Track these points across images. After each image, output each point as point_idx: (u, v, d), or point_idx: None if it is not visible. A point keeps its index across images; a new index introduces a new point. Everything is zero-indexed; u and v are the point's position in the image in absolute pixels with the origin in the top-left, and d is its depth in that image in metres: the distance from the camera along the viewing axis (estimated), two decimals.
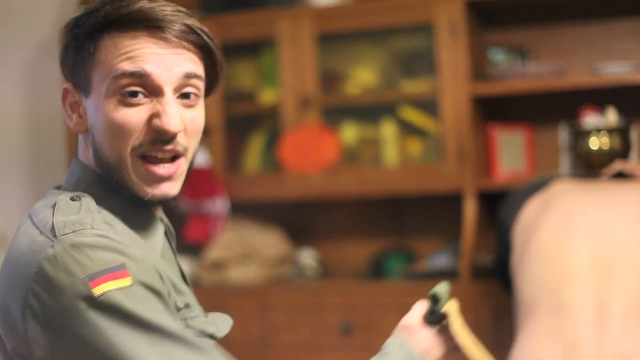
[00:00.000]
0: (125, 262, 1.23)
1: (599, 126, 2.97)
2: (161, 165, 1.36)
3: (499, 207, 2.80)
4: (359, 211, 3.75)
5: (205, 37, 1.40)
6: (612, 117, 3.04)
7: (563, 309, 2.44)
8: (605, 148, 2.94)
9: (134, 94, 1.33)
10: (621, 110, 3.12)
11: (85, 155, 1.42)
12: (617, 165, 2.81)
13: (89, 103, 1.38)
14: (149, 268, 1.27)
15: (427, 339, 1.51)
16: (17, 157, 3.95)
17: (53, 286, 1.21)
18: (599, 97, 3.24)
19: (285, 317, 3.34)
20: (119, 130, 1.33)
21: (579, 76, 3.28)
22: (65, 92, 1.42)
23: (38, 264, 1.23)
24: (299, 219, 3.83)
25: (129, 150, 1.34)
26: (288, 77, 3.50)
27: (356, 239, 3.75)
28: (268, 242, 3.64)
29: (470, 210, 3.24)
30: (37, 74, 3.93)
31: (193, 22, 1.38)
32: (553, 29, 3.50)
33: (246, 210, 3.72)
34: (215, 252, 3.54)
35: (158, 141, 1.34)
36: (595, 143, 2.95)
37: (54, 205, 1.32)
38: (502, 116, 3.51)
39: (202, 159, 3.51)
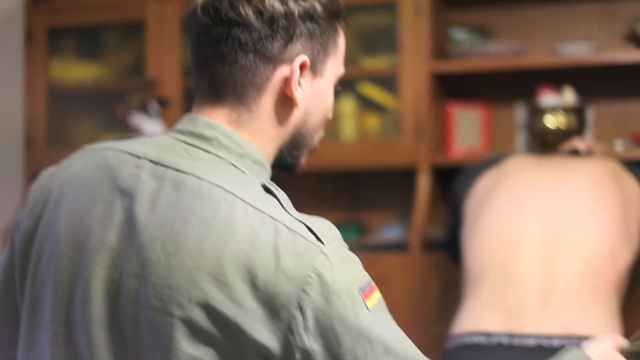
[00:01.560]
0: (369, 277, 1.25)
1: (556, 105, 2.98)
2: None
3: (454, 180, 2.80)
4: (315, 184, 3.72)
5: None
6: (568, 96, 3.05)
7: (509, 279, 2.45)
8: (561, 127, 2.95)
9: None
10: (579, 90, 3.13)
11: (264, 129, 1.35)
12: (575, 142, 2.82)
13: (316, 83, 1.36)
14: None
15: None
16: None
17: (331, 292, 1.19)
18: (558, 77, 3.25)
19: None
20: (329, 117, 1.40)
21: (538, 56, 3.28)
22: (304, 65, 1.33)
23: (313, 271, 1.20)
24: None
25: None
26: None
27: (310, 211, 3.67)
28: None
29: (423, 184, 3.23)
30: None
31: None
32: (515, 9, 3.50)
33: None
34: None
35: None
36: (551, 121, 2.95)
37: (271, 192, 1.29)
38: (461, 94, 3.51)
39: (158, 131, 3.47)
